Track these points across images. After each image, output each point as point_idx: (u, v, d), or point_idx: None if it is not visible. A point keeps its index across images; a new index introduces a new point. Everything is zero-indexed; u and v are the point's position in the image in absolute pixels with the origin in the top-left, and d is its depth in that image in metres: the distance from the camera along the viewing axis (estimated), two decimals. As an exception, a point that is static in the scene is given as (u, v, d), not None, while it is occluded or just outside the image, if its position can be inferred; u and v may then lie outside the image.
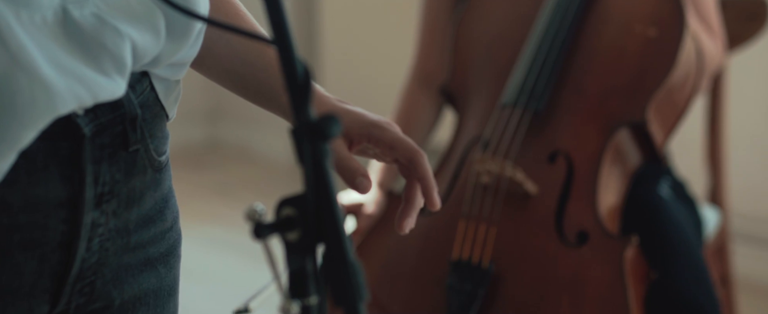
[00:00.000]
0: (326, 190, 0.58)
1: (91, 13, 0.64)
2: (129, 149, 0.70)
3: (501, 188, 1.21)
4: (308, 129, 0.58)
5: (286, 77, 0.59)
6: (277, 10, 0.58)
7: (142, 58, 0.68)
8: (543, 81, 1.24)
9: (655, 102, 1.23)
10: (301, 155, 0.59)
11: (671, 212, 1.28)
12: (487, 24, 1.33)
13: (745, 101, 2.07)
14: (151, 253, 0.74)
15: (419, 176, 0.73)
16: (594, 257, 1.18)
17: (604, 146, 1.23)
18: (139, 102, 0.71)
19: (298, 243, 0.59)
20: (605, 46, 1.25)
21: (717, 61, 1.33)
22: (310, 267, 0.59)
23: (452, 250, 1.22)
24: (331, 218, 0.58)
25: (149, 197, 0.73)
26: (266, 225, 0.59)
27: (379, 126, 0.74)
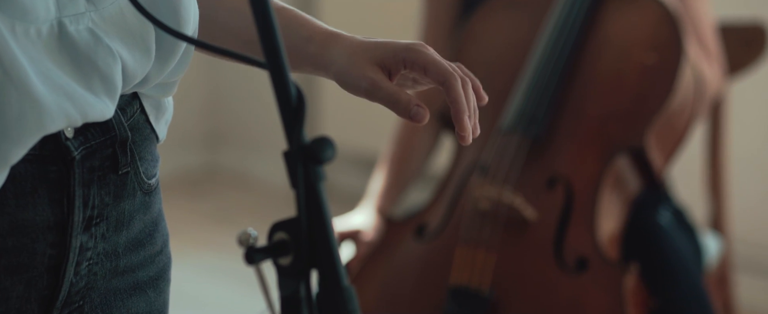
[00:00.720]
0: (320, 214, 0.58)
1: (86, 29, 0.64)
2: (119, 172, 0.70)
3: (500, 214, 1.21)
4: (301, 152, 0.57)
5: (279, 101, 0.58)
6: (270, 33, 0.58)
7: (133, 79, 0.67)
8: (542, 106, 1.24)
9: (655, 128, 1.23)
10: (294, 179, 0.58)
11: (671, 239, 1.27)
12: (486, 49, 1.33)
13: (746, 128, 2.07)
14: (141, 277, 0.73)
15: (450, 100, 0.70)
16: (594, 284, 1.17)
17: (604, 172, 1.22)
18: (129, 125, 0.70)
19: (291, 267, 0.58)
20: (604, 71, 1.25)
21: (715, 87, 1.33)
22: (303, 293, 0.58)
23: (451, 276, 1.21)
24: (324, 242, 0.58)
25: (139, 220, 0.72)
26: (258, 250, 0.58)
27: (413, 49, 0.71)
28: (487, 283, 1.19)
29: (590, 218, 1.20)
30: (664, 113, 1.23)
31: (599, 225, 1.21)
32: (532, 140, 1.24)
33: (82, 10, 0.64)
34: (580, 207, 1.21)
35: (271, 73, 0.58)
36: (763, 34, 1.49)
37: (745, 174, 2.04)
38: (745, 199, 2.06)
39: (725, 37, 1.48)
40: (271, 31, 0.58)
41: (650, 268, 1.23)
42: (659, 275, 1.23)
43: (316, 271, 0.58)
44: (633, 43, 1.26)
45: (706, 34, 1.33)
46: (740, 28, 1.50)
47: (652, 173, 1.27)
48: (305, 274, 0.58)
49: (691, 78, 1.26)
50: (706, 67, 1.30)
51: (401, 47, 0.72)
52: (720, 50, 1.37)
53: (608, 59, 1.25)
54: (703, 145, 1.62)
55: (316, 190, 0.58)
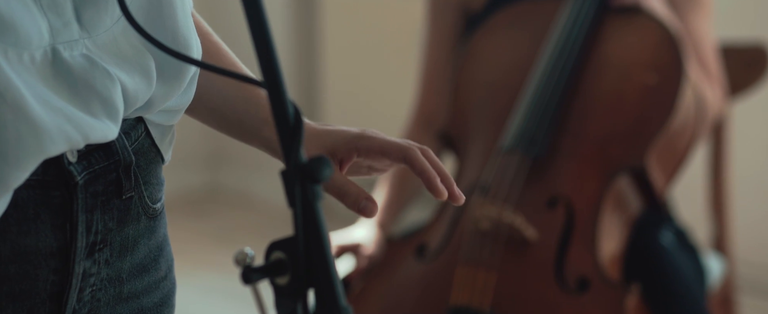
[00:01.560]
0: (317, 233, 0.57)
1: (80, 54, 0.64)
2: (123, 196, 0.69)
3: (500, 234, 1.20)
4: (299, 171, 0.57)
5: (276, 119, 0.58)
6: (267, 52, 0.58)
7: (135, 102, 0.67)
8: (543, 126, 1.24)
9: (655, 148, 1.23)
10: (291, 198, 0.58)
11: (674, 260, 1.26)
12: (487, 69, 1.33)
13: (748, 148, 2.06)
14: (145, 303, 0.73)
15: (418, 172, 0.70)
16: (595, 304, 1.16)
17: (604, 192, 1.22)
18: (133, 148, 0.70)
19: (288, 287, 0.57)
20: (605, 91, 1.25)
21: (716, 109, 1.33)
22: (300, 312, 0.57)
23: (451, 296, 1.20)
24: (322, 261, 0.57)
25: (143, 245, 0.72)
26: (255, 269, 0.58)
27: (364, 136, 0.71)
28: (487, 303, 1.19)
29: (591, 238, 1.20)
30: (665, 134, 1.22)
31: (600, 245, 1.21)
32: (532, 159, 1.24)
33: (76, 37, 0.64)
34: (580, 227, 1.21)
35: (269, 92, 0.58)
36: (764, 55, 1.49)
37: (747, 195, 2.03)
38: (748, 220, 2.05)
39: (727, 58, 1.48)
40: (268, 51, 0.58)
41: (652, 289, 1.22)
42: (661, 296, 1.22)
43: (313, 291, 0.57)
44: (634, 63, 1.25)
45: (708, 55, 1.33)
46: (742, 49, 1.50)
47: (653, 194, 1.27)
48: (302, 294, 0.57)
49: (692, 98, 1.26)
50: (707, 88, 1.30)
51: (353, 136, 0.72)
52: (721, 71, 1.37)
53: (609, 79, 1.25)
54: (705, 166, 1.62)
55: (313, 209, 0.57)
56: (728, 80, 1.46)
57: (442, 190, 0.70)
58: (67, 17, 0.63)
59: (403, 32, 2.50)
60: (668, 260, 1.25)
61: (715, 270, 1.48)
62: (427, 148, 0.72)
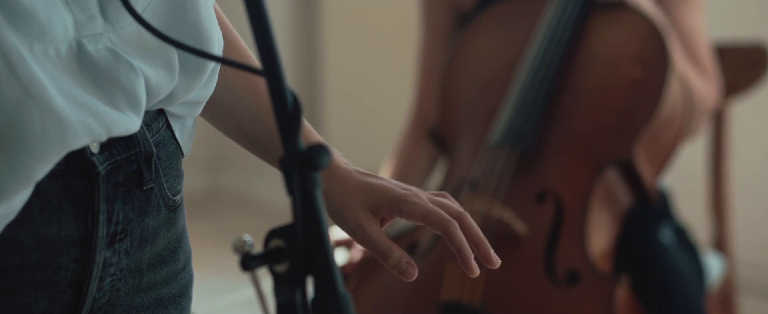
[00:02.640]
0: (315, 220, 0.58)
1: (105, 48, 0.64)
2: (143, 187, 0.70)
3: (489, 229, 1.21)
4: (297, 159, 0.57)
5: (275, 107, 0.59)
6: (266, 40, 0.59)
7: (157, 94, 0.68)
8: (530, 121, 1.25)
9: (642, 141, 1.23)
10: (290, 185, 0.58)
11: (672, 257, 1.27)
12: (475, 67, 1.34)
13: (748, 148, 2.06)
14: (163, 294, 0.73)
15: (455, 247, 0.72)
16: (585, 296, 1.17)
17: (593, 185, 1.23)
18: (154, 141, 0.70)
19: (287, 274, 0.58)
20: (591, 86, 1.26)
21: (711, 103, 1.34)
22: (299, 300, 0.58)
23: (442, 291, 1.21)
24: (320, 249, 0.58)
25: (163, 236, 0.72)
26: (254, 257, 0.58)
27: (408, 201, 0.72)
28: (478, 298, 1.19)
29: (580, 231, 1.20)
30: (652, 126, 1.23)
31: (590, 238, 1.21)
32: (520, 154, 1.25)
33: (100, 31, 0.64)
34: (570, 220, 1.21)
35: (267, 80, 0.59)
36: (764, 55, 1.49)
37: (747, 195, 2.03)
38: (748, 220, 2.05)
39: (727, 58, 1.48)
40: (267, 38, 0.58)
41: (649, 284, 1.22)
42: (657, 291, 1.22)
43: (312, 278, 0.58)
44: (620, 57, 1.26)
45: (700, 49, 1.34)
46: (742, 49, 1.51)
47: (642, 187, 1.28)
48: (301, 281, 0.58)
49: (679, 91, 1.27)
50: (697, 81, 1.31)
51: (398, 198, 0.72)
52: (715, 66, 1.37)
53: (595, 74, 1.26)
54: (705, 165, 1.62)
55: (312, 196, 0.58)
56: (728, 80, 1.47)
57: (474, 269, 0.72)
58: (92, 11, 0.64)
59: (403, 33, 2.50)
60: (667, 257, 1.26)
61: (715, 269, 1.48)
62: (466, 214, 0.73)
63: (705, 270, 1.38)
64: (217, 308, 2.34)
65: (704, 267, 1.38)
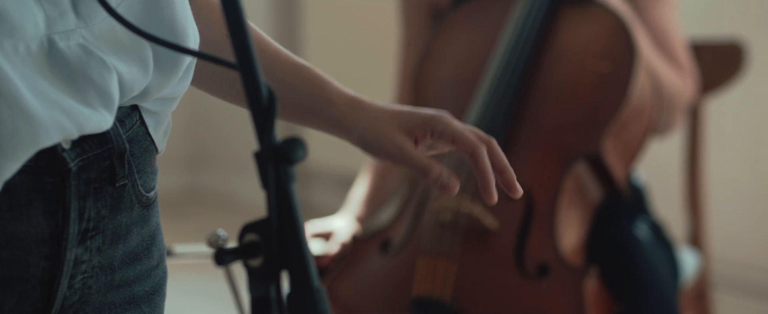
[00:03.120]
0: (290, 215, 0.57)
1: (77, 45, 0.64)
2: (116, 184, 0.69)
3: (460, 224, 1.22)
4: (272, 152, 0.57)
5: (249, 101, 0.59)
6: (240, 33, 0.58)
7: (130, 91, 0.67)
8: (500, 117, 1.25)
9: (610, 134, 1.25)
10: (264, 179, 0.58)
11: (646, 252, 1.28)
12: (447, 65, 1.35)
13: (725, 146, 2.08)
14: (136, 291, 0.72)
15: (478, 171, 0.73)
16: (555, 289, 1.18)
17: (562, 180, 1.24)
18: (127, 136, 0.69)
19: (262, 269, 0.58)
20: (560, 81, 1.27)
21: (686, 97, 1.35)
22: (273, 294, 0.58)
23: (413, 287, 1.21)
24: (295, 243, 0.57)
25: (136, 233, 0.72)
26: (228, 251, 0.58)
27: (441, 121, 0.74)
28: (449, 292, 1.20)
29: (550, 225, 1.22)
30: (619, 120, 1.24)
31: (560, 232, 1.22)
32: None
33: (72, 27, 0.63)
34: (540, 215, 1.22)
35: (241, 73, 0.58)
36: (739, 52, 1.51)
37: (723, 192, 2.05)
38: (724, 217, 2.07)
39: (702, 56, 1.50)
40: (241, 31, 0.58)
41: (622, 277, 1.23)
42: (630, 285, 1.23)
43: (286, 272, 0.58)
44: (587, 53, 1.28)
45: (674, 45, 1.35)
46: (717, 47, 1.52)
47: (612, 180, 1.29)
48: (276, 276, 0.58)
49: (648, 85, 1.28)
50: (672, 75, 1.32)
51: (429, 117, 0.75)
52: (690, 60, 1.38)
53: (564, 69, 1.27)
54: (681, 162, 1.63)
55: (287, 191, 0.58)
56: (704, 77, 1.48)
57: (492, 196, 0.74)
58: (64, 7, 0.63)
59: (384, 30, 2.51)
60: (641, 252, 1.27)
61: (690, 265, 1.50)
62: (493, 140, 0.75)
63: (680, 266, 1.39)
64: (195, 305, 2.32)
65: (679, 262, 1.39)
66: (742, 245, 2.12)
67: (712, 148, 1.73)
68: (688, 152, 1.58)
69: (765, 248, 2.10)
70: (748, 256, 2.13)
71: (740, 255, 2.12)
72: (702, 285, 1.55)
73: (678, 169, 1.70)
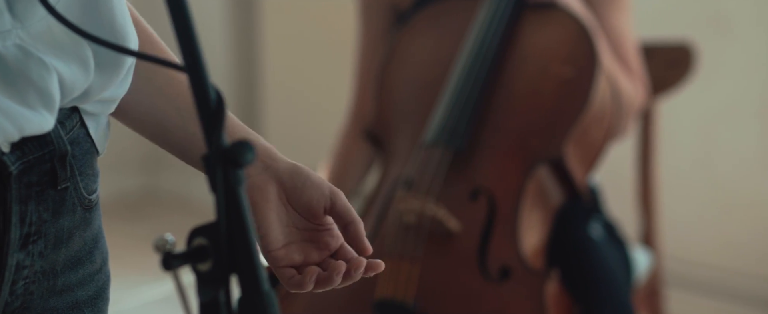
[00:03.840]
0: (240, 218, 0.57)
1: (14, 45, 0.63)
2: (58, 187, 0.68)
3: (423, 227, 1.22)
4: (221, 155, 0.57)
5: (197, 104, 0.58)
6: (188, 35, 0.58)
7: (71, 92, 0.66)
8: (464, 120, 1.26)
9: (572, 139, 1.26)
10: (213, 183, 0.57)
11: (600, 252, 1.29)
12: (411, 68, 1.35)
13: (676, 146, 2.12)
14: (79, 296, 0.71)
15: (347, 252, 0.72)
16: (516, 292, 1.19)
17: (525, 183, 1.25)
18: (68, 138, 0.68)
19: (210, 273, 0.57)
20: (523, 86, 1.28)
21: (638, 103, 1.37)
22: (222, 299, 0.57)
23: (376, 289, 1.21)
24: (244, 247, 0.57)
25: (78, 237, 0.70)
26: (176, 256, 0.57)
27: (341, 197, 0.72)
28: (411, 295, 1.20)
29: (513, 228, 1.23)
30: (581, 125, 1.26)
31: (522, 235, 1.24)
32: (454, 153, 1.26)
33: (8, 28, 0.62)
34: (502, 218, 1.24)
35: (189, 75, 0.58)
36: (688, 54, 1.54)
37: (674, 192, 2.09)
38: (675, 216, 2.11)
39: (652, 58, 1.52)
40: (188, 32, 0.57)
41: (578, 278, 1.25)
42: (585, 284, 1.25)
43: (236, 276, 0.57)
44: (550, 57, 1.29)
45: (628, 51, 1.37)
46: (666, 49, 1.55)
47: (573, 184, 1.30)
48: (225, 280, 0.57)
49: (608, 90, 1.30)
50: (625, 81, 1.34)
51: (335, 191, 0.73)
52: (643, 67, 1.41)
53: (527, 74, 1.29)
54: (633, 162, 1.66)
55: (236, 194, 0.57)
56: (654, 78, 1.50)
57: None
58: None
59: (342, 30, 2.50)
60: (596, 252, 1.29)
61: (643, 263, 1.52)
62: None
63: (632, 264, 1.41)
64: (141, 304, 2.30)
65: (632, 261, 1.41)
66: (693, 243, 2.16)
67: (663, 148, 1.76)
68: (640, 153, 1.61)
69: (715, 246, 2.15)
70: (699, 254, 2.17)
71: (691, 253, 2.16)
72: (654, 283, 1.58)
73: (630, 169, 1.73)
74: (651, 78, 1.49)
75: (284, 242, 0.71)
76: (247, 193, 0.68)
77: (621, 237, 1.40)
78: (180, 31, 0.58)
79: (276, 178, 0.71)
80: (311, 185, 0.71)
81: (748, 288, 2.13)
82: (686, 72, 1.53)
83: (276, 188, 0.71)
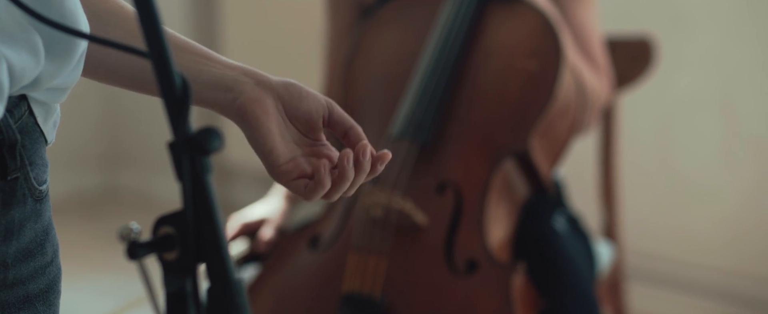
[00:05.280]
0: (207, 206, 0.56)
1: None
2: (7, 177, 0.66)
3: (390, 220, 1.22)
4: (187, 143, 0.56)
5: (162, 91, 0.57)
6: (151, 20, 0.57)
7: (21, 79, 0.64)
8: (430, 113, 1.26)
9: (537, 132, 1.27)
10: (179, 171, 0.56)
11: (564, 245, 1.30)
12: (376, 62, 1.35)
13: (637, 140, 2.15)
14: (31, 289, 0.70)
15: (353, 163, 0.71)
16: (483, 285, 1.20)
17: (491, 176, 1.26)
18: (17, 127, 0.67)
19: (177, 262, 0.56)
20: (488, 80, 1.28)
21: (603, 98, 1.38)
22: (189, 288, 0.56)
23: (343, 283, 1.22)
24: (212, 235, 0.56)
25: (29, 229, 0.69)
26: (142, 245, 0.56)
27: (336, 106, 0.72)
28: (378, 289, 1.20)
29: (479, 222, 1.23)
30: (546, 118, 1.27)
31: (488, 228, 1.24)
32: (420, 146, 1.27)
33: None
34: (469, 211, 1.24)
35: (153, 62, 0.57)
36: (648, 48, 1.55)
37: (635, 186, 2.12)
38: (636, 209, 2.13)
39: (613, 52, 1.54)
40: (152, 18, 0.56)
41: (542, 271, 1.26)
42: (550, 277, 1.26)
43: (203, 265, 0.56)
44: (515, 51, 1.30)
45: (594, 46, 1.38)
46: (628, 43, 1.56)
47: (539, 178, 1.31)
48: (191, 269, 0.56)
49: (572, 84, 1.31)
50: (590, 76, 1.35)
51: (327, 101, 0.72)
52: (608, 62, 1.42)
53: (492, 67, 1.29)
54: (596, 156, 1.67)
55: (202, 182, 0.56)
56: (615, 72, 1.52)
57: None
58: None
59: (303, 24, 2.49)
60: (560, 244, 1.29)
61: (605, 256, 1.54)
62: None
63: (596, 257, 1.42)
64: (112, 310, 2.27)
65: (595, 254, 1.42)
66: (653, 237, 2.19)
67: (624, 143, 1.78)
68: (603, 146, 1.62)
69: (675, 239, 2.18)
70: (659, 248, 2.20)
71: (651, 246, 2.19)
72: (616, 276, 1.60)
73: (592, 163, 1.75)
74: (613, 72, 1.50)
75: (290, 156, 0.69)
76: (248, 107, 0.67)
77: (585, 230, 1.41)
78: (143, 17, 0.57)
79: (271, 91, 0.69)
80: (307, 96, 0.70)
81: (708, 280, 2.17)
82: (647, 66, 1.55)
83: (273, 101, 0.69)
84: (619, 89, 1.56)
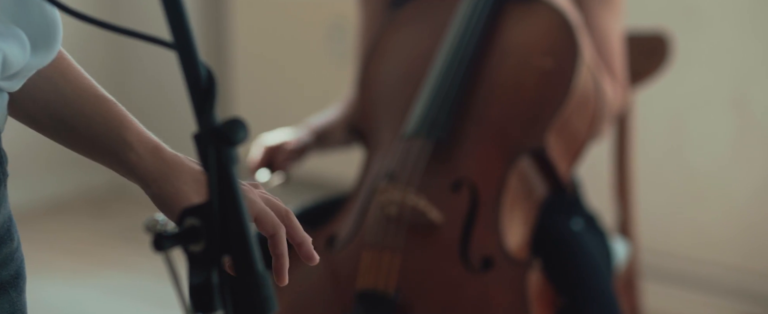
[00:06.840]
0: (232, 198, 0.56)
1: None
2: None
3: (405, 217, 1.22)
4: (213, 134, 0.56)
5: (188, 82, 0.57)
6: (177, 12, 0.56)
7: (9, 70, 0.64)
8: (445, 111, 1.26)
9: (553, 130, 1.26)
10: (205, 162, 0.56)
11: (583, 244, 1.30)
12: (394, 63, 1.35)
13: (651, 136, 2.14)
14: (2, 276, 0.68)
15: (276, 254, 0.69)
16: (498, 282, 1.19)
17: (507, 174, 1.25)
18: None
19: (203, 254, 0.56)
20: (504, 77, 1.28)
21: (616, 107, 1.38)
22: (215, 280, 0.56)
23: (357, 280, 1.21)
24: (237, 227, 0.56)
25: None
26: (168, 236, 0.56)
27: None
28: (393, 285, 1.20)
29: (495, 220, 1.23)
30: (562, 115, 1.26)
31: (504, 225, 1.24)
32: (435, 144, 1.26)
33: None
34: (484, 208, 1.24)
35: (179, 53, 0.57)
36: (664, 44, 1.54)
37: (648, 181, 2.11)
38: (650, 207, 2.12)
39: (628, 47, 1.53)
40: (178, 9, 0.56)
41: (561, 269, 1.25)
42: (570, 276, 1.25)
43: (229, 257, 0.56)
44: (531, 50, 1.29)
45: (613, 53, 1.37)
46: (642, 38, 1.55)
47: (557, 177, 1.31)
48: (217, 261, 0.56)
49: (591, 81, 1.30)
50: (606, 84, 1.34)
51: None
52: (625, 72, 1.41)
53: (508, 66, 1.29)
54: (610, 154, 1.67)
55: (228, 173, 0.56)
56: (630, 68, 1.51)
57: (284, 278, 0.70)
58: None
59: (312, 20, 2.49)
60: (578, 243, 1.29)
61: (620, 253, 1.53)
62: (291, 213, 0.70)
63: (613, 255, 1.42)
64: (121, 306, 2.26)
65: (612, 251, 1.42)
66: (667, 234, 2.18)
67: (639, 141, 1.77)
68: (617, 143, 1.62)
69: (688, 236, 2.17)
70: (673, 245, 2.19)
71: (665, 244, 2.18)
72: (630, 273, 1.59)
73: (606, 160, 1.74)
74: (628, 68, 1.49)
75: None
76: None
77: (602, 228, 1.41)
78: (169, 9, 0.57)
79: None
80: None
81: (721, 277, 2.16)
82: (663, 61, 1.54)
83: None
84: (633, 85, 1.54)
